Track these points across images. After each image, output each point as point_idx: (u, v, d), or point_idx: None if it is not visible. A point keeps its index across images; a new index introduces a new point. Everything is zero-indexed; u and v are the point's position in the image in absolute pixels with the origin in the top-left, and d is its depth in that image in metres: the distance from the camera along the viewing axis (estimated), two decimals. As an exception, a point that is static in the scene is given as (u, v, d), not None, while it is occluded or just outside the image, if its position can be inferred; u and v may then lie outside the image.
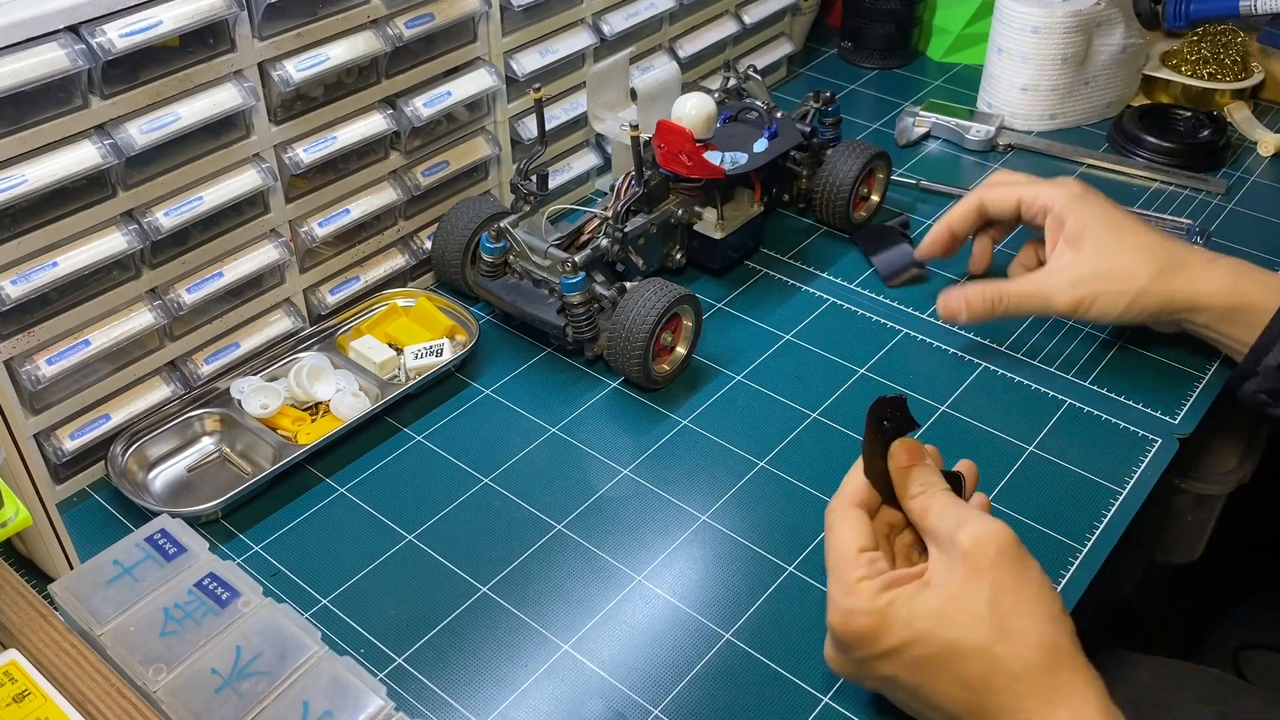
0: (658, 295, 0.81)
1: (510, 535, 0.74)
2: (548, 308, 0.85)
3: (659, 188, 0.90)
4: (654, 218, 0.90)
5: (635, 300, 0.81)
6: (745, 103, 0.99)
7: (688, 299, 0.83)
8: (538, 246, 0.86)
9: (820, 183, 0.98)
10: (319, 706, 0.50)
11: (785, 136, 0.95)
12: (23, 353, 0.71)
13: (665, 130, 0.86)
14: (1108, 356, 0.87)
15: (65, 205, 0.70)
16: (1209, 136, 1.10)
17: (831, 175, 0.97)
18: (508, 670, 0.65)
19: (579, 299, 0.82)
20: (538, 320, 0.86)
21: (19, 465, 0.61)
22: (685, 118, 0.89)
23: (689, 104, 0.90)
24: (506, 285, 0.88)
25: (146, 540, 0.57)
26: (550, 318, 0.85)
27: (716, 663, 0.66)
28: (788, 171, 0.99)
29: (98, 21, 0.67)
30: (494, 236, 0.87)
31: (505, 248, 0.87)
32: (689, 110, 0.90)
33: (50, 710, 0.48)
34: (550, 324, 0.85)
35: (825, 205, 0.99)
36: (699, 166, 0.87)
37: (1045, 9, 1.09)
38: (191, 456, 0.79)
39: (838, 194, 0.97)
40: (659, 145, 0.87)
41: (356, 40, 0.80)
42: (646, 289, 0.82)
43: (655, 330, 0.80)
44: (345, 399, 0.81)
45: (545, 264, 0.85)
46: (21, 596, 0.55)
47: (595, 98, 0.97)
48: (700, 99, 0.90)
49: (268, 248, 0.81)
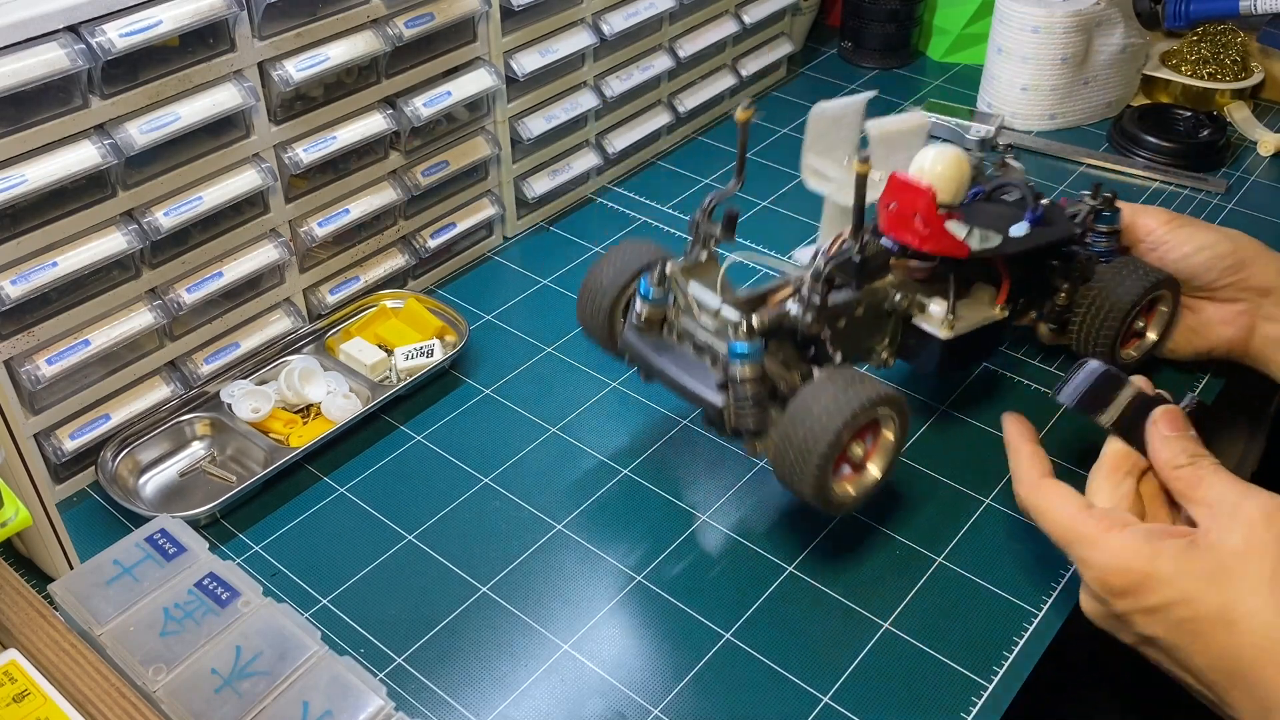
0: (852, 390, 0.62)
1: (510, 535, 0.74)
2: (706, 380, 0.67)
3: (876, 258, 0.69)
4: (863, 296, 0.69)
5: (822, 391, 0.62)
6: (1001, 179, 0.78)
7: (893, 402, 0.64)
8: (708, 303, 0.68)
9: (1084, 303, 0.77)
10: (319, 706, 0.50)
11: (1054, 226, 0.75)
12: (23, 353, 0.71)
13: (899, 187, 0.68)
14: (1108, 356, 0.87)
15: (65, 205, 0.70)
16: (1209, 136, 1.10)
17: (1102, 297, 0.76)
18: (508, 670, 0.65)
19: (749, 373, 0.63)
20: (689, 394, 0.67)
21: (19, 465, 0.61)
22: (928, 173, 0.69)
23: (936, 157, 0.70)
24: (659, 345, 0.70)
25: (146, 540, 0.57)
26: (707, 393, 0.66)
27: (716, 663, 0.66)
28: (1047, 275, 0.77)
29: (98, 21, 0.67)
30: (657, 280, 0.69)
31: (667, 297, 0.70)
32: (934, 165, 0.70)
33: (50, 710, 0.48)
34: (706, 401, 0.66)
35: (1086, 332, 0.77)
36: (936, 238, 0.68)
37: (1045, 9, 1.09)
38: (183, 461, 0.79)
39: (1106, 321, 0.76)
40: (886, 205, 0.69)
41: (356, 40, 0.80)
42: (839, 379, 0.63)
43: (842, 437, 0.61)
44: (336, 401, 0.81)
45: (713, 326, 0.67)
46: (21, 596, 0.55)
47: (815, 144, 0.75)
48: (951, 152, 0.70)
49: (267, 248, 0.81)
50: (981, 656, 0.66)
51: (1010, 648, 0.66)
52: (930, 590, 0.70)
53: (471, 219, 0.97)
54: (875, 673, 0.65)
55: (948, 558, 0.71)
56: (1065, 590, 0.69)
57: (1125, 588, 0.58)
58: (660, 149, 1.14)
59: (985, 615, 0.68)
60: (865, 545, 0.73)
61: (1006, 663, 0.65)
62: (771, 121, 1.19)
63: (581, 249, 1.00)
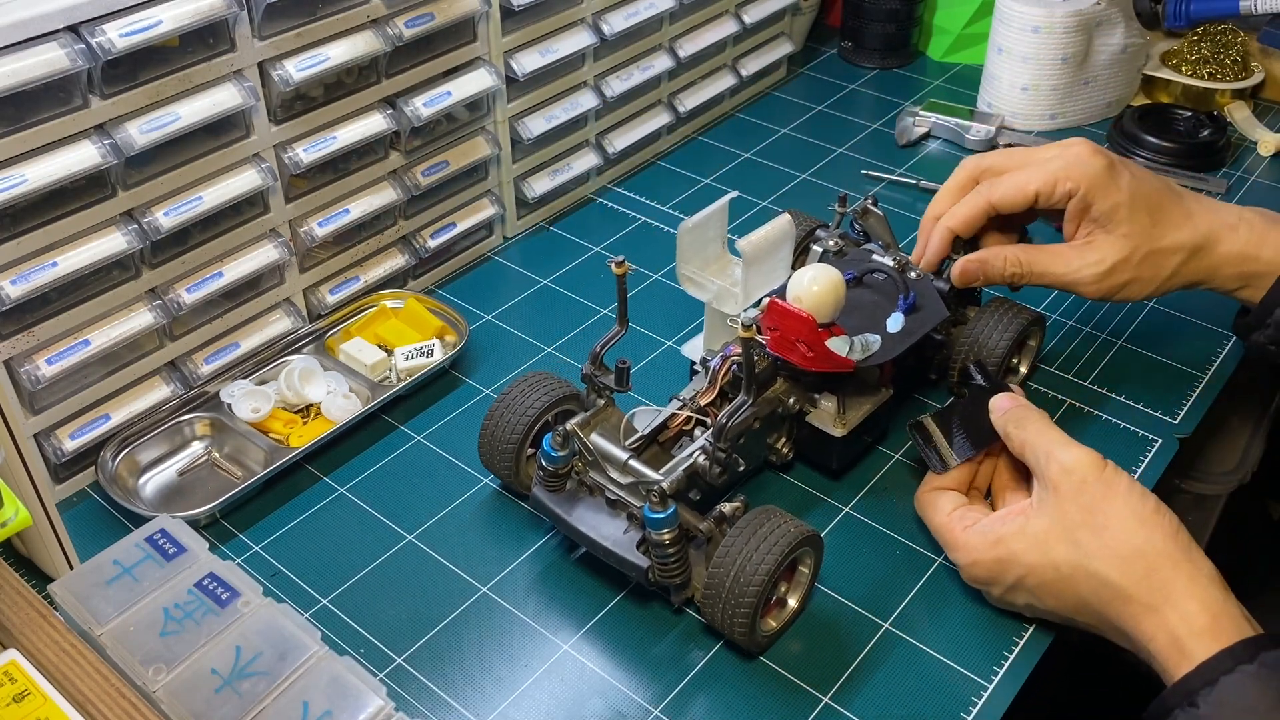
0: (774, 536, 0.63)
1: (510, 535, 0.74)
2: (625, 540, 0.67)
3: (765, 370, 0.72)
4: (757, 411, 0.70)
5: (743, 540, 0.63)
6: (868, 255, 0.79)
7: (810, 541, 0.65)
8: (616, 457, 0.68)
9: (962, 351, 0.79)
10: (319, 706, 0.50)
11: (927, 310, 0.76)
12: (23, 353, 0.71)
13: (780, 312, 0.69)
14: (1108, 356, 0.87)
15: (65, 205, 0.70)
16: (1209, 136, 1.10)
17: (976, 344, 0.78)
18: (508, 670, 0.65)
19: (668, 536, 0.64)
20: (612, 557, 0.67)
21: (19, 465, 0.61)
22: (807, 298, 0.70)
23: (813, 282, 0.70)
24: (571, 501, 0.69)
25: (146, 540, 0.57)
26: (629, 555, 0.66)
27: (716, 662, 0.66)
28: (928, 347, 0.78)
29: (98, 21, 0.67)
30: (559, 442, 0.68)
31: (573, 454, 0.69)
32: (812, 290, 0.70)
33: (50, 710, 0.48)
34: (629, 563, 0.66)
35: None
36: (822, 358, 0.70)
37: (1045, 9, 1.09)
38: (182, 460, 0.79)
39: None
40: (769, 328, 0.70)
41: (356, 40, 0.80)
42: (758, 524, 0.63)
43: (770, 583, 0.63)
44: (336, 401, 0.81)
45: (625, 481, 0.68)
46: (21, 596, 0.55)
47: (687, 255, 0.76)
48: (827, 276, 0.70)
49: (267, 248, 0.81)
50: (981, 656, 0.66)
51: (1010, 648, 0.66)
52: (930, 590, 0.70)
53: (471, 219, 0.97)
54: (875, 672, 0.65)
55: (948, 558, 0.71)
56: (1065, 590, 0.69)
57: (986, 577, 0.66)
58: (660, 149, 1.14)
59: (985, 615, 0.68)
60: (866, 547, 0.73)
61: (1006, 663, 0.65)
62: (771, 121, 1.19)
63: (581, 249, 1.00)
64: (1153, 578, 0.59)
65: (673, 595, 0.67)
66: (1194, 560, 0.60)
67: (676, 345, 0.88)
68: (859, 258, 0.80)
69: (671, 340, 0.89)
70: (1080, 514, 0.62)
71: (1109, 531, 0.61)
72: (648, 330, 0.90)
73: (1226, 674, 0.55)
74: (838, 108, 1.22)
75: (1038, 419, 0.68)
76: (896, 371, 0.77)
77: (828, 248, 0.81)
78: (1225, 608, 0.58)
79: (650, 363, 0.87)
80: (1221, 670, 0.55)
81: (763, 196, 1.06)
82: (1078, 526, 0.62)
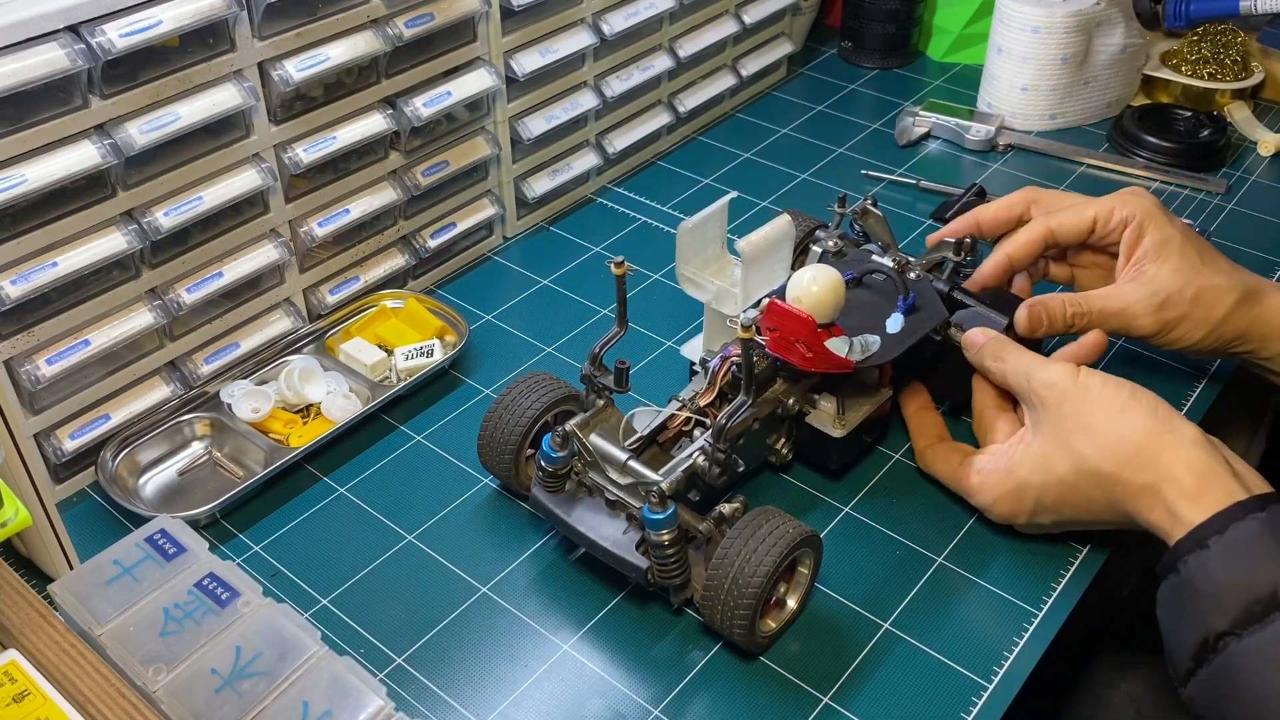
0: (773, 537, 0.63)
1: (510, 535, 0.74)
2: (625, 540, 0.67)
3: (764, 371, 0.72)
4: (757, 412, 0.71)
5: (742, 541, 0.63)
6: (867, 256, 0.79)
7: (810, 541, 0.65)
8: (615, 457, 0.68)
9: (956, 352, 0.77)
10: (319, 706, 0.50)
11: (926, 310, 0.76)
12: (23, 353, 0.71)
13: (779, 313, 0.69)
14: (1108, 356, 0.87)
15: (65, 205, 0.70)
16: (1209, 136, 1.10)
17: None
18: (508, 670, 0.65)
19: (668, 537, 0.64)
20: (611, 557, 0.67)
21: (19, 465, 0.61)
22: (806, 299, 0.70)
23: (813, 283, 0.70)
24: (570, 502, 0.70)
25: (146, 540, 0.57)
26: (629, 556, 0.66)
27: (717, 663, 0.66)
28: (927, 346, 0.77)
29: (98, 21, 0.67)
30: (559, 443, 0.68)
31: (572, 454, 0.70)
32: (812, 291, 0.70)
33: (50, 710, 0.48)
34: (628, 563, 0.66)
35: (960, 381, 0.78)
36: (821, 359, 0.70)
37: (1045, 9, 1.09)
38: (182, 461, 0.79)
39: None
40: (769, 329, 0.70)
41: (356, 40, 0.80)
42: (757, 525, 0.64)
43: (769, 583, 0.63)
44: (337, 401, 0.81)
45: (624, 481, 0.68)
46: (21, 596, 0.55)
47: (686, 256, 0.76)
48: (826, 277, 0.71)
49: (267, 248, 0.81)
50: (981, 656, 0.66)
51: (1010, 648, 0.66)
52: (930, 590, 0.70)
53: (471, 219, 0.97)
54: (875, 672, 0.65)
55: (948, 558, 0.71)
56: (1065, 590, 0.69)
57: (1010, 511, 0.70)
58: (660, 149, 1.14)
59: (985, 615, 0.68)
60: (866, 547, 0.73)
61: (1006, 663, 0.65)
62: (771, 122, 1.19)
63: (581, 249, 1.00)
64: (1140, 457, 0.63)
65: (672, 596, 0.67)
66: (1175, 430, 0.63)
67: (676, 346, 0.89)
68: (858, 258, 0.80)
69: (671, 341, 0.89)
70: (1068, 422, 0.66)
71: (1095, 429, 0.65)
72: (647, 331, 0.90)
73: (1238, 521, 0.58)
74: (837, 108, 1.22)
75: (1012, 348, 0.72)
76: (896, 372, 0.78)
77: (827, 248, 0.81)
78: (1210, 466, 0.61)
79: (650, 363, 0.87)
80: (1233, 519, 0.59)
81: (762, 197, 1.06)
82: (1068, 433, 0.66)
